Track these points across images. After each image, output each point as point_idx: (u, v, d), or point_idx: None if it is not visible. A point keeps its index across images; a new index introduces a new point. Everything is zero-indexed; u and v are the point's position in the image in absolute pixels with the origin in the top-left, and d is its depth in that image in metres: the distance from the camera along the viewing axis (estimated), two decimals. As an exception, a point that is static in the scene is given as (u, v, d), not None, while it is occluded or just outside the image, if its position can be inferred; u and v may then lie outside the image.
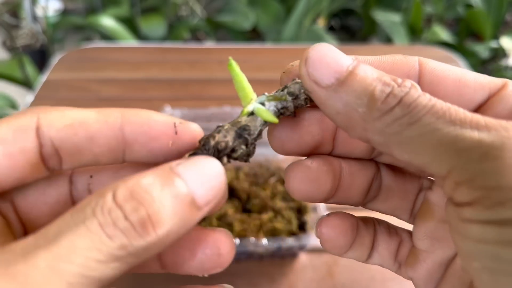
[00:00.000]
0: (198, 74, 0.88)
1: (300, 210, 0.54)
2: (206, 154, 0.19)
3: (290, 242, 0.49)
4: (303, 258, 0.53)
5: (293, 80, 0.20)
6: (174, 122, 0.19)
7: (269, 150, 0.60)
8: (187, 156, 0.19)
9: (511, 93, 0.19)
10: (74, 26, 1.84)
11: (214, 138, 0.19)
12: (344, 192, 0.22)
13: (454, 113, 0.15)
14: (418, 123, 0.16)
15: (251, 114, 0.20)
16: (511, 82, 0.19)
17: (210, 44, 1.73)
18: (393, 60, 0.20)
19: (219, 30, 1.85)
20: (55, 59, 0.89)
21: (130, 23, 1.62)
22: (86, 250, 0.14)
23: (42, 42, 1.82)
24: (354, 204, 0.22)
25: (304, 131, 0.21)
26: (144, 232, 0.15)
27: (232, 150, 0.19)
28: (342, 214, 0.22)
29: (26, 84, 1.35)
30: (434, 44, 1.55)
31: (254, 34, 1.85)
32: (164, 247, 0.16)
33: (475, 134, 0.15)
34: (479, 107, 0.20)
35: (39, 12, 1.81)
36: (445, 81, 0.19)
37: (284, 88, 0.20)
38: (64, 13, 1.93)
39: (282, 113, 0.20)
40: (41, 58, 1.71)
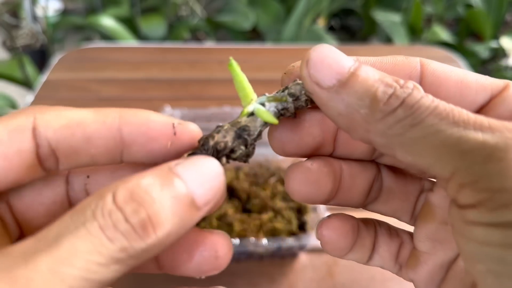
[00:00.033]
0: (198, 74, 0.88)
1: (300, 210, 0.54)
2: (205, 154, 0.19)
3: (290, 242, 0.49)
4: (303, 258, 0.53)
5: (294, 81, 0.20)
6: (173, 123, 0.19)
7: (269, 150, 0.60)
8: (186, 156, 0.19)
9: None
10: (74, 26, 1.84)
11: (213, 138, 0.19)
12: (344, 193, 0.21)
13: (458, 114, 0.15)
14: (421, 125, 0.15)
15: (251, 114, 0.20)
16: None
17: (210, 44, 1.73)
18: (394, 61, 0.20)
19: (219, 30, 1.85)
20: (55, 59, 0.89)
21: (130, 23, 1.62)
22: (87, 253, 0.14)
23: (42, 42, 1.82)
24: (355, 205, 0.22)
25: (304, 132, 0.21)
26: (144, 234, 0.15)
27: (231, 150, 0.19)
28: (342, 216, 0.22)
29: (26, 84, 1.35)
30: (434, 44, 1.55)
31: (254, 34, 1.85)
32: (163, 248, 0.16)
33: (479, 136, 0.15)
34: (481, 109, 0.19)
35: (39, 12, 1.81)
36: (446, 82, 0.19)
37: (284, 89, 0.20)
38: (64, 13, 1.93)
39: (282, 114, 0.20)
40: (41, 58, 1.71)
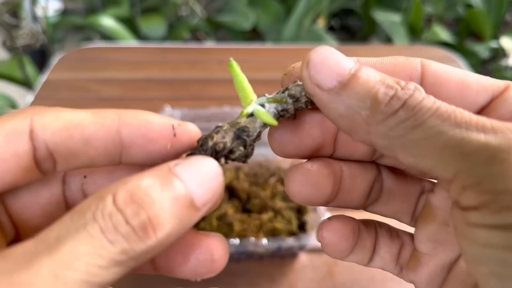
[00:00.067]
0: (198, 74, 0.88)
1: (300, 210, 0.54)
2: (204, 155, 0.19)
3: (290, 242, 0.49)
4: (303, 258, 0.53)
5: (294, 82, 0.20)
6: (173, 124, 0.19)
7: (269, 150, 0.60)
8: (185, 156, 0.19)
9: None
10: (74, 26, 1.84)
11: (212, 138, 0.19)
12: (345, 195, 0.21)
13: (460, 115, 0.15)
14: (423, 126, 0.15)
15: (251, 115, 0.20)
16: None
17: (210, 44, 1.73)
18: (395, 62, 0.20)
19: (219, 30, 1.85)
20: (55, 59, 0.89)
21: (130, 23, 1.62)
22: (88, 256, 0.14)
23: (42, 42, 1.82)
24: (355, 207, 0.22)
25: (304, 134, 0.21)
26: (145, 235, 0.15)
27: (230, 151, 0.19)
28: (343, 218, 0.22)
29: (26, 84, 1.35)
30: (434, 44, 1.55)
31: (254, 34, 1.85)
32: (162, 249, 0.16)
33: (481, 137, 0.15)
34: (482, 110, 0.19)
35: (39, 12, 1.81)
36: (447, 83, 0.19)
37: (285, 90, 0.20)
38: (64, 13, 1.93)
39: (282, 115, 0.20)
40: (41, 58, 1.71)
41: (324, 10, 1.77)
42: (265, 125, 0.20)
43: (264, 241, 0.48)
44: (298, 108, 0.20)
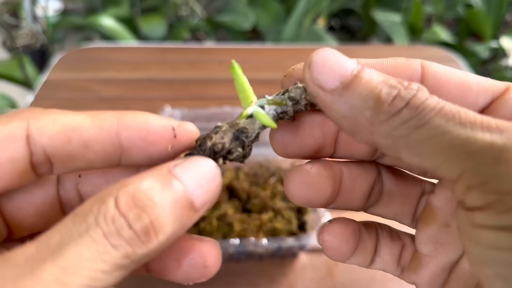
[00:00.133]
0: (198, 74, 0.88)
1: (300, 210, 0.54)
2: (202, 155, 0.19)
3: (290, 242, 0.49)
4: (303, 258, 0.53)
5: (294, 84, 0.20)
6: (173, 126, 0.19)
7: (269, 150, 0.60)
8: (183, 155, 0.19)
9: None
10: (74, 26, 1.84)
11: (211, 139, 0.19)
12: (345, 197, 0.21)
13: (464, 115, 0.15)
14: (427, 126, 0.15)
15: (250, 116, 0.20)
16: None
17: (210, 44, 1.73)
18: (395, 63, 0.20)
19: (219, 30, 1.85)
20: (55, 59, 0.89)
21: (130, 23, 1.62)
22: (91, 262, 0.14)
23: (42, 42, 1.82)
24: (355, 209, 0.22)
25: (305, 134, 0.21)
26: (147, 239, 0.15)
27: (228, 151, 0.19)
28: (344, 220, 0.22)
29: (26, 84, 1.35)
30: (434, 44, 1.55)
31: (254, 34, 1.85)
32: (162, 250, 0.16)
33: (487, 136, 0.14)
34: (482, 111, 0.19)
35: (39, 12, 1.81)
36: (447, 84, 0.19)
37: (285, 92, 0.20)
38: (64, 13, 1.93)
39: (281, 117, 0.20)
40: (41, 58, 1.71)
41: (324, 10, 1.77)
42: (264, 126, 0.20)
43: (264, 241, 0.48)
44: (297, 110, 0.20)
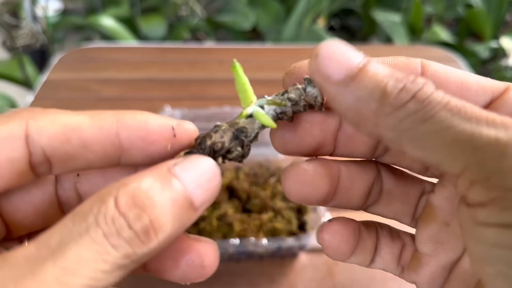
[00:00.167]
0: (198, 74, 0.88)
1: (300, 210, 0.54)
2: (202, 154, 0.19)
3: (290, 242, 0.49)
4: (303, 258, 0.53)
5: (294, 85, 0.20)
6: (172, 125, 0.19)
7: (269, 150, 0.60)
8: (183, 154, 0.19)
9: None
10: (74, 26, 1.84)
11: (210, 138, 0.19)
12: (343, 195, 0.21)
13: (470, 110, 0.15)
14: (432, 119, 0.15)
15: (250, 116, 0.20)
16: None
17: (210, 44, 1.73)
18: (395, 62, 0.20)
19: (219, 30, 1.85)
20: (55, 59, 0.89)
21: (130, 23, 1.62)
22: (92, 262, 0.14)
23: (42, 42, 1.82)
24: (355, 207, 0.22)
25: (305, 132, 0.21)
26: (147, 239, 0.15)
27: (227, 151, 0.19)
28: (343, 220, 0.22)
29: (26, 84, 1.35)
30: (434, 44, 1.55)
31: (254, 34, 1.85)
32: (161, 250, 0.16)
33: (492, 132, 0.14)
34: None
35: (39, 12, 1.81)
36: (447, 83, 0.19)
37: (284, 92, 0.20)
38: (64, 13, 1.93)
39: (280, 118, 0.20)
40: (41, 58, 1.71)
41: (324, 10, 1.77)
42: (263, 126, 0.20)
43: (264, 241, 0.48)
44: (296, 111, 0.20)
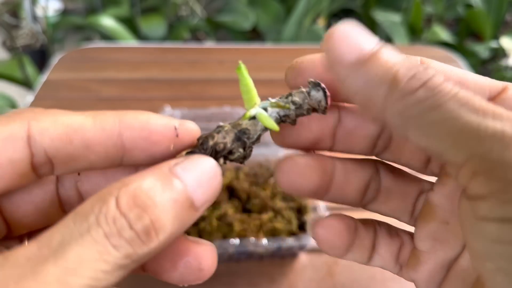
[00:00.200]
0: (198, 74, 0.88)
1: (300, 210, 0.54)
2: (204, 154, 0.19)
3: (290, 242, 0.49)
4: (303, 258, 0.53)
5: (298, 88, 0.20)
6: (175, 125, 0.19)
7: (269, 150, 0.61)
8: (184, 154, 0.19)
9: None
10: (74, 26, 1.84)
11: (213, 138, 0.19)
12: (338, 190, 0.22)
13: (477, 102, 0.15)
14: (441, 108, 0.15)
15: (253, 118, 0.20)
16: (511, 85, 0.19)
17: (210, 44, 1.73)
18: None
19: (219, 30, 1.85)
20: (55, 59, 0.89)
21: (130, 23, 1.62)
22: (93, 262, 0.14)
23: (42, 42, 1.82)
24: (352, 204, 0.22)
25: (303, 127, 0.21)
26: (148, 239, 0.15)
27: (229, 152, 0.19)
28: (339, 216, 0.22)
29: (26, 84, 1.35)
30: (434, 44, 1.55)
31: (254, 34, 1.85)
32: (162, 249, 0.16)
33: (498, 125, 0.14)
34: None
35: (39, 12, 1.81)
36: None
37: (288, 95, 0.20)
38: (64, 13, 1.93)
39: (283, 120, 0.20)
40: (41, 58, 1.71)
41: (324, 10, 1.77)
42: (266, 129, 0.20)
43: (264, 241, 0.48)
44: (299, 114, 0.20)
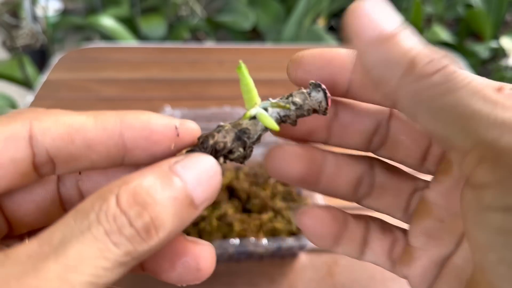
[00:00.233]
0: (198, 74, 0.88)
1: (300, 210, 0.54)
2: (204, 152, 0.19)
3: (290, 242, 0.49)
4: (303, 258, 0.53)
5: (299, 89, 0.20)
6: (175, 125, 0.19)
7: (269, 150, 0.60)
8: (185, 152, 0.19)
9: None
10: (74, 26, 1.84)
11: (213, 137, 0.19)
12: (329, 181, 0.22)
13: (489, 93, 0.15)
14: (454, 94, 0.15)
15: (253, 118, 0.20)
16: (508, 86, 0.19)
17: (210, 44, 1.73)
18: None
19: (219, 30, 1.85)
20: (55, 59, 0.89)
21: (130, 23, 1.62)
22: (93, 259, 0.14)
23: (42, 42, 1.82)
24: (345, 198, 0.23)
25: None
26: (148, 237, 0.15)
27: (229, 151, 0.19)
28: (326, 206, 0.22)
29: (26, 84, 1.35)
30: (434, 44, 1.54)
31: (254, 34, 1.85)
32: (162, 247, 0.16)
33: (507, 114, 0.15)
34: None
35: (39, 12, 1.82)
36: None
37: (289, 96, 0.20)
38: (64, 13, 1.93)
39: (284, 121, 0.20)
40: (41, 58, 1.70)
41: (324, 10, 1.77)
42: (266, 128, 0.20)
43: (264, 241, 0.48)
44: (300, 115, 0.20)
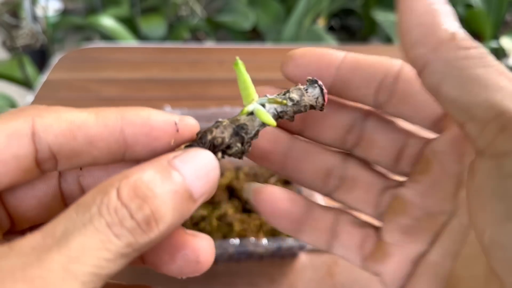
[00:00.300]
0: (198, 74, 0.88)
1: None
2: (202, 147, 0.19)
3: (290, 242, 0.49)
4: (303, 258, 0.53)
5: (296, 85, 0.21)
6: (175, 121, 0.19)
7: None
8: (183, 147, 0.20)
9: None
10: (74, 26, 1.84)
11: (211, 132, 0.19)
12: (294, 166, 0.23)
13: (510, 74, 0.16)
14: (486, 69, 0.16)
15: (251, 114, 0.20)
16: None
17: (210, 44, 1.74)
18: (378, 58, 0.21)
19: (219, 30, 1.85)
20: (55, 59, 0.89)
21: (130, 23, 1.62)
22: (96, 251, 0.15)
23: (42, 42, 1.82)
24: (313, 188, 0.23)
25: None
26: (148, 229, 0.16)
27: (227, 146, 0.19)
28: (284, 189, 0.23)
29: (26, 84, 1.35)
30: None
31: (254, 34, 1.85)
32: (161, 239, 0.17)
33: None
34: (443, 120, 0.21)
35: (39, 12, 1.82)
36: (419, 92, 0.20)
37: (286, 92, 0.20)
38: (64, 13, 1.93)
39: (281, 116, 0.20)
40: (41, 58, 1.71)
41: (324, 10, 1.77)
42: (263, 124, 0.20)
43: (264, 241, 0.48)
44: (297, 111, 0.20)
